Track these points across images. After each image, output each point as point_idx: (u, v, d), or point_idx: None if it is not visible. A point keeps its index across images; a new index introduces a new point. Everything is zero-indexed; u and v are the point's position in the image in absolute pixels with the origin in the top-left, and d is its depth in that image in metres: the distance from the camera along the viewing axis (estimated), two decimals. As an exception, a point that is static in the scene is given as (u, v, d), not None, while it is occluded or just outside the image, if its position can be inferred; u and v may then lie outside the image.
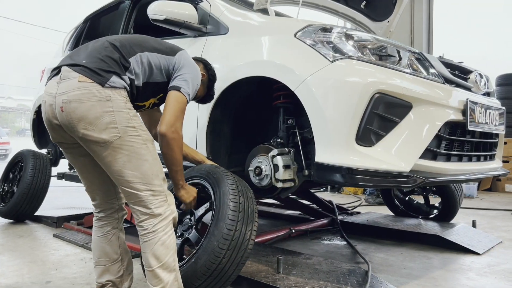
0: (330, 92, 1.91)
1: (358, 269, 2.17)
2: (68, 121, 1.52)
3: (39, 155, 3.88)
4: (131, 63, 1.65)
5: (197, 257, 1.76)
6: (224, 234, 1.74)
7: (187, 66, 1.79)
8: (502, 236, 3.37)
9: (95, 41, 1.72)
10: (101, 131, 1.51)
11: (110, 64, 1.58)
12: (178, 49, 1.84)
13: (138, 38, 1.78)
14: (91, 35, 4.14)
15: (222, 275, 1.76)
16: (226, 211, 1.78)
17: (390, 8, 3.35)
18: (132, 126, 1.56)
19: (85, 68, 1.55)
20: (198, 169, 2.05)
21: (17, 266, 2.49)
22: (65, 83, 1.54)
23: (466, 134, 2.27)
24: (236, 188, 1.87)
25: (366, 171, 1.85)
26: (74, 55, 1.65)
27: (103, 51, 1.62)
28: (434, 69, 2.18)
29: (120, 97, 1.56)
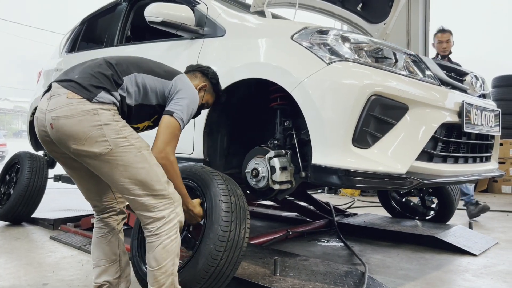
0: (326, 94, 1.91)
1: (355, 270, 2.18)
2: (59, 137, 1.54)
3: (36, 157, 3.87)
4: (125, 81, 1.66)
5: (194, 261, 1.76)
6: (220, 236, 1.74)
7: (184, 90, 1.77)
8: (498, 237, 3.39)
9: (93, 59, 1.75)
10: (92, 145, 1.52)
11: (100, 80, 1.60)
12: (176, 72, 1.85)
13: (136, 59, 1.80)
14: (88, 37, 4.14)
15: (221, 276, 1.77)
16: (220, 213, 1.78)
17: (386, 10, 3.36)
18: (122, 137, 1.56)
19: (75, 84, 1.57)
20: (183, 170, 2.01)
21: (13, 268, 2.49)
22: (55, 100, 1.56)
23: (462, 135, 2.28)
24: (226, 188, 1.86)
25: (362, 172, 1.86)
26: (69, 72, 1.67)
27: (96, 68, 1.64)
28: (430, 71, 2.19)
29: (107, 111, 1.55)
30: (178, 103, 1.73)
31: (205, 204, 1.85)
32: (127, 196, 1.62)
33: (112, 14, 3.60)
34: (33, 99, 4.30)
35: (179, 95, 1.75)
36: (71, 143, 1.53)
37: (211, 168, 2.01)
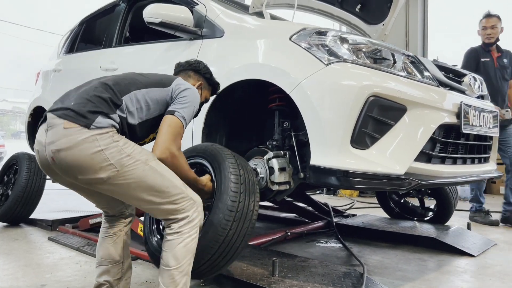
0: (325, 95, 1.92)
1: (354, 271, 2.18)
2: (63, 169, 1.52)
3: (34, 157, 3.86)
4: (124, 101, 1.62)
5: (204, 232, 1.76)
6: (229, 206, 1.76)
7: (184, 90, 1.76)
8: (496, 238, 3.39)
9: (88, 82, 1.70)
10: (97, 171, 1.49)
11: (97, 104, 1.54)
12: (172, 78, 1.84)
13: (132, 76, 1.77)
14: (87, 37, 4.15)
15: (230, 247, 1.79)
16: (228, 184, 1.80)
17: (385, 11, 3.37)
18: (126, 155, 1.52)
19: (71, 112, 1.51)
20: (194, 148, 2.07)
21: (12, 269, 2.48)
22: (52, 131, 1.51)
23: (460, 136, 2.29)
24: (235, 162, 1.89)
25: (361, 173, 1.86)
26: (64, 99, 1.62)
27: (92, 92, 1.58)
28: (429, 72, 2.19)
29: (105, 134, 1.51)
30: (179, 102, 1.73)
31: (215, 177, 1.88)
32: (147, 207, 1.62)
33: (110, 15, 3.60)
34: (32, 99, 4.30)
35: (179, 96, 1.74)
36: (77, 173, 1.50)
37: (220, 146, 2.02)
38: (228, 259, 1.82)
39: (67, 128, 1.48)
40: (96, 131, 1.49)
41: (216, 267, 1.82)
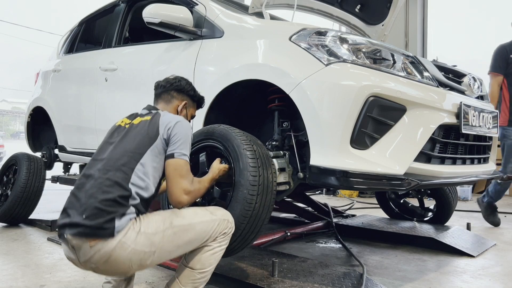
0: (324, 95, 1.91)
1: (353, 272, 2.17)
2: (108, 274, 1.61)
3: (34, 158, 3.86)
4: (133, 186, 1.57)
5: (231, 209, 1.81)
6: (251, 181, 1.81)
7: (172, 128, 1.70)
8: (496, 238, 3.39)
9: (85, 176, 1.61)
10: (139, 265, 1.54)
11: (109, 210, 1.49)
12: (155, 121, 1.73)
13: (122, 147, 1.66)
14: (87, 37, 4.15)
15: (258, 220, 1.84)
16: (246, 160, 1.84)
17: (384, 11, 3.37)
18: (152, 233, 1.53)
19: (87, 229, 1.47)
20: (201, 132, 2.08)
21: (11, 270, 2.48)
22: (80, 252, 1.50)
23: (460, 137, 2.28)
24: (247, 138, 1.93)
25: (360, 174, 1.86)
26: (70, 209, 1.56)
27: (99, 195, 1.51)
28: (428, 73, 2.19)
29: (129, 232, 1.50)
30: (174, 142, 1.68)
31: (230, 156, 1.91)
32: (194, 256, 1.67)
33: (110, 15, 3.60)
34: (31, 100, 4.30)
35: (171, 136, 1.69)
36: (124, 274, 1.59)
37: (227, 125, 2.04)
38: (257, 232, 1.88)
39: (93, 245, 1.48)
40: (120, 235, 1.48)
41: (246, 242, 1.89)
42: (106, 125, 3.28)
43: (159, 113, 1.79)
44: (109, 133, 1.81)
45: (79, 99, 3.61)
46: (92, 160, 1.69)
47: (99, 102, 3.35)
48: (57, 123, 3.89)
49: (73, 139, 3.73)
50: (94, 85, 3.41)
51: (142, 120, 1.76)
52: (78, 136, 3.65)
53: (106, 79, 3.26)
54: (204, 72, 2.44)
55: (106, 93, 3.28)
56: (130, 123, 1.78)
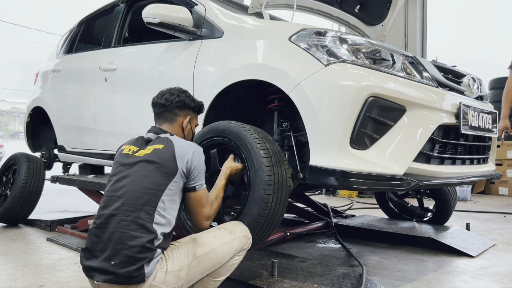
0: (324, 96, 1.91)
1: (353, 272, 2.17)
2: None
3: (33, 158, 3.86)
4: (157, 226, 1.56)
5: (248, 209, 1.87)
6: (267, 181, 1.85)
7: (191, 161, 1.67)
8: (495, 238, 3.39)
9: (106, 216, 1.56)
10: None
11: (138, 257, 1.49)
12: (170, 155, 1.66)
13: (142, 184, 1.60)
14: (86, 38, 4.14)
15: (274, 217, 1.90)
16: (260, 160, 1.87)
17: (384, 12, 3.37)
18: (179, 270, 1.57)
19: (118, 276, 1.48)
20: (211, 129, 2.08)
21: (10, 270, 2.48)
22: None
23: (460, 137, 2.28)
24: (259, 136, 1.94)
25: (360, 174, 1.86)
26: (95, 251, 1.54)
27: (126, 240, 1.49)
28: (428, 73, 2.19)
29: (158, 274, 1.53)
30: (194, 176, 1.69)
31: (242, 154, 1.93)
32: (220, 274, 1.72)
33: (110, 15, 3.60)
34: (30, 100, 4.30)
35: (190, 170, 1.67)
36: None
37: (238, 122, 2.05)
38: (273, 227, 1.94)
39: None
40: (149, 279, 1.51)
41: (263, 238, 1.96)
42: (105, 125, 3.29)
43: (170, 140, 1.72)
44: (117, 163, 1.74)
45: (78, 99, 3.61)
46: (108, 196, 1.63)
47: (99, 102, 3.35)
48: (57, 123, 3.89)
49: (73, 139, 3.73)
50: (93, 85, 3.41)
51: (154, 149, 1.69)
52: (78, 136, 3.65)
53: (105, 79, 3.26)
54: (204, 72, 2.44)
55: (105, 93, 3.28)
56: (140, 152, 1.71)
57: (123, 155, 1.75)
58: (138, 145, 1.77)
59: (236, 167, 1.95)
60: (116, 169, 1.71)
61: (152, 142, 1.76)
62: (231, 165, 1.95)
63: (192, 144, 1.77)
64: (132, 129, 3.01)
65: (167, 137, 1.76)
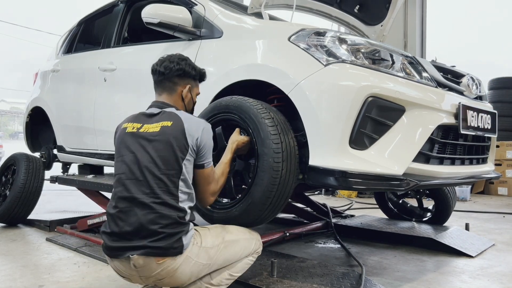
0: (323, 96, 1.91)
1: (352, 272, 2.17)
2: (162, 286, 1.66)
3: (32, 158, 3.86)
4: (183, 203, 1.61)
5: (258, 179, 1.88)
6: (275, 149, 1.86)
7: (201, 138, 1.68)
8: (495, 238, 3.40)
9: (127, 199, 1.58)
10: (195, 278, 1.64)
11: (175, 231, 1.55)
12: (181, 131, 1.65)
13: (159, 164, 1.61)
14: (85, 38, 4.14)
15: (285, 187, 1.90)
16: (266, 129, 1.88)
17: (383, 12, 3.37)
18: (211, 248, 1.66)
19: (157, 249, 1.53)
20: (214, 106, 2.10)
21: (9, 270, 2.47)
22: (144, 269, 1.55)
23: (459, 137, 2.29)
24: (262, 106, 1.96)
25: (359, 174, 1.86)
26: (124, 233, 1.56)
27: (159, 220, 1.54)
28: (427, 73, 2.19)
29: (193, 247, 1.61)
30: (203, 154, 1.71)
31: (248, 127, 1.94)
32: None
33: (109, 15, 3.60)
34: (30, 100, 4.29)
35: (200, 148, 1.69)
36: (176, 286, 1.65)
37: (239, 96, 2.06)
38: (285, 198, 1.94)
39: (161, 263, 1.54)
40: (186, 251, 1.58)
41: (275, 210, 1.96)
42: (105, 125, 3.29)
43: (178, 116, 1.70)
44: (124, 142, 1.70)
45: (78, 99, 3.61)
46: (126, 179, 1.62)
47: (98, 102, 3.34)
48: (56, 123, 3.89)
49: (72, 139, 3.73)
50: (93, 85, 3.41)
51: (162, 126, 1.67)
52: (77, 136, 3.65)
53: (105, 79, 3.26)
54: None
55: (105, 93, 3.28)
56: (144, 127, 1.69)
57: (128, 134, 1.71)
58: (141, 121, 1.74)
59: (242, 140, 1.96)
60: (125, 150, 1.68)
61: (158, 117, 1.72)
62: (237, 139, 1.95)
63: (201, 120, 1.76)
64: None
65: (174, 112, 1.73)
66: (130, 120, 1.78)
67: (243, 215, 1.95)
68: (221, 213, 2.03)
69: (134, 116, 1.79)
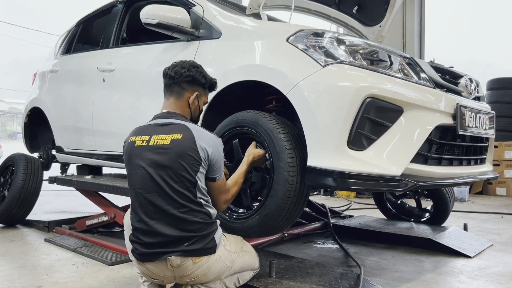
0: (322, 97, 1.92)
1: (350, 272, 2.18)
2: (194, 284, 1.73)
3: (31, 159, 3.85)
4: (205, 207, 1.71)
5: (274, 192, 1.96)
6: (290, 163, 1.92)
7: (212, 153, 1.73)
8: (493, 239, 3.40)
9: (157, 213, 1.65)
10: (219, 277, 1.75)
11: (206, 232, 1.67)
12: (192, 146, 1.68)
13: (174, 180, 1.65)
14: (84, 38, 4.14)
15: (300, 197, 1.98)
16: (282, 144, 1.95)
17: (382, 13, 3.38)
18: (233, 252, 1.80)
19: (194, 251, 1.65)
20: (231, 120, 2.17)
21: (7, 271, 2.47)
22: (180, 269, 1.66)
23: (457, 138, 2.29)
24: (278, 121, 2.01)
25: (357, 175, 1.86)
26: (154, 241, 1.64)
27: (188, 226, 1.65)
28: (425, 74, 2.20)
29: (222, 248, 1.74)
30: (215, 168, 1.77)
31: (264, 141, 2.01)
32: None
33: (108, 15, 3.60)
34: (28, 100, 4.29)
35: (212, 163, 1.74)
36: (202, 283, 1.73)
37: (256, 111, 2.12)
38: (300, 208, 2.03)
39: (197, 262, 1.66)
40: (218, 250, 1.71)
41: (291, 219, 2.04)
42: (103, 126, 3.29)
43: (188, 129, 1.71)
44: (135, 156, 1.73)
45: (76, 100, 3.60)
46: (140, 193, 1.68)
47: (97, 103, 3.34)
48: (55, 124, 3.89)
49: (71, 140, 3.73)
50: (91, 86, 3.41)
51: (172, 139, 1.69)
52: (76, 137, 3.64)
53: (103, 79, 3.26)
54: (202, 73, 2.44)
55: (103, 94, 3.28)
56: (153, 139, 1.71)
57: (137, 148, 1.74)
58: (148, 132, 1.76)
59: (258, 153, 2.02)
60: (137, 164, 1.71)
61: (167, 128, 1.73)
62: (254, 152, 2.03)
63: (213, 136, 1.80)
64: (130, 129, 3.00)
65: (184, 124, 1.74)
66: (137, 133, 1.79)
67: (259, 225, 2.04)
68: (237, 223, 2.13)
69: (140, 128, 1.81)
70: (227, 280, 1.80)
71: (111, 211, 3.13)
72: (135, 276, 2.34)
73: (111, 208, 3.17)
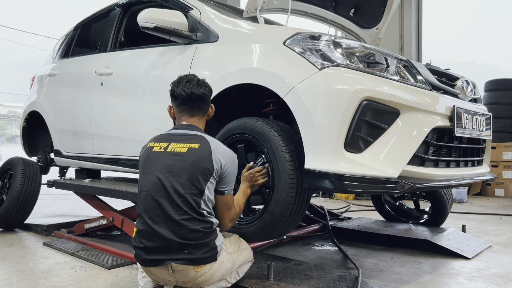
0: (318, 99, 1.92)
1: (349, 274, 2.18)
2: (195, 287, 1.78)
3: (29, 162, 3.86)
4: (207, 217, 1.72)
5: (271, 208, 1.99)
6: (290, 184, 1.93)
7: (225, 167, 1.77)
8: (491, 240, 3.41)
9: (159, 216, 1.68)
10: (221, 279, 1.82)
11: (205, 241, 1.69)
12: (207, 156, 1.73)
13: (184, 183, 1.69)
14: (82, 42, 4.15)
15: (295, 215, 2.02)
16: (284, 163, 1.95)
17: (378, 15, 3.39)
18: (234, 253, 1.86)
19: (195, 260, 1.68)
20: (239, 124, 2.15)
21: (6, 275, 2.47)
22: (182, 275, 1.70)
23: (454, 140, 2.30)
24: (284, 138, 1.99)
25: (355, 177, 1.86)
26: (157, 246, 1.67)
27: (189, 233, 1.66)
28: (421, 76, 2.21)
29: (224, 252, 1.78)
30: (226, 182, 1.80)
31: (267, 155, 2.01)
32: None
33: (105, 19, 3.61)
34: (27, 104, 4.29)
35: (224, 175, 1.78)
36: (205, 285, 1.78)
37: (265, 121, 2.10)
38: (295, 223, 2.07)
39: (199, 270, 1.70)
40: (220, 257, 1.75)
41: (285, 232, 2.14)
42: (101, 129, 3.29)
43: (206, 140, 1.78)
44: (150, 161, 1.78)
45: (74, 103, 3.61)
46: (148, 196, 1.72)
47: (95, 107, 3.35)
48: (53, 127, 3.89)
49: (69, 144, 3.73)
50: (89, 89, 3.41)
51: (190, 148, 1.75)
52: (74, 140, 3.65)
53: (101, 83, 3.27)
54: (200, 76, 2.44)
55: (101, 98, 3.28)
56: (171, 146, 1.77)
57: (154, 152, 1.80)
58: (167, 140, 1.82)
59: (257, 183, 2.03)
60: (152, 168, 1.76)
61: (186, 138, 1.80)
62: (251, 183, 2.03)
63: (229, 150, 1.86)
64: (128, 133, 3.01)
65: (203, 136, 1.82)
66: (156, 140, 1.86)
67: (256, 234, 2.10)
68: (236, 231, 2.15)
69: (160, 136, 1.88)
70: (229, 277, 1.87)
71: (109, 214, 3.14)
72: (134, 279, 2.35)
73: (109, 211, 3.17)
